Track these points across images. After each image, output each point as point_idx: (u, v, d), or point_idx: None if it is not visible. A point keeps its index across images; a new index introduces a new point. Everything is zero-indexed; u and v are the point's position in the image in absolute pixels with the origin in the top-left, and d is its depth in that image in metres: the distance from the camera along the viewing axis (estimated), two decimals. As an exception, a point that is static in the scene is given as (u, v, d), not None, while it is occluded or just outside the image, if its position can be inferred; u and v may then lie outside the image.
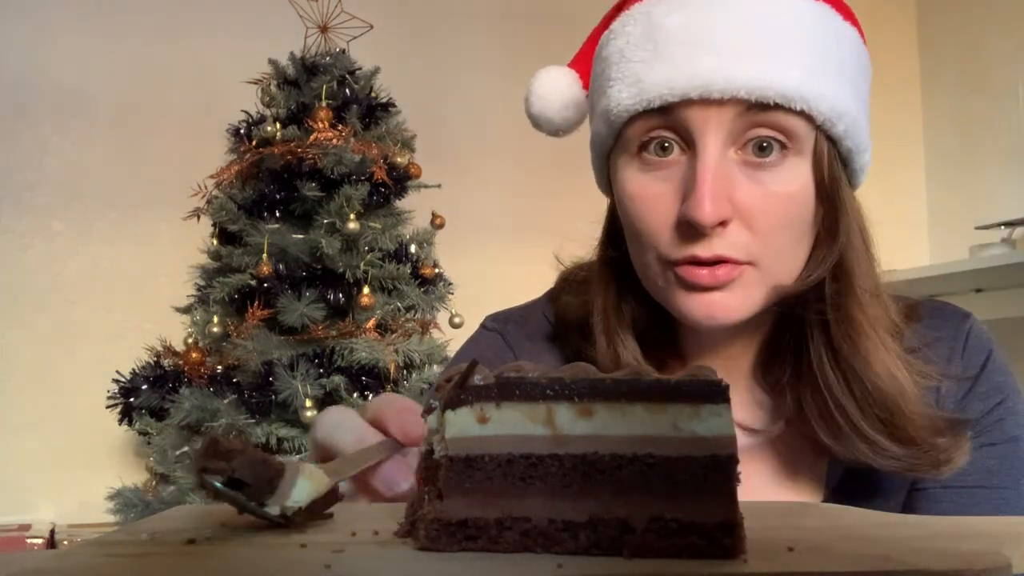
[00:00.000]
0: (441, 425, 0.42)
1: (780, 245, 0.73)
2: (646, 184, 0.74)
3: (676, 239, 0.72)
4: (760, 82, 0.69)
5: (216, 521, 0.48)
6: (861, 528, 0.47)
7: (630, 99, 0.72)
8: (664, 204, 0.72)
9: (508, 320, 0.92)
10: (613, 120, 0.74)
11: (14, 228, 2.71)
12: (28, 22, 2.74)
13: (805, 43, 0.72)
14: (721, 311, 0.73)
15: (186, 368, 2.25)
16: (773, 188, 0.71)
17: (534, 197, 3.09)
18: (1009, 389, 0.82)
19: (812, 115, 0.71)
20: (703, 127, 0.70)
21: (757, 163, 0.71)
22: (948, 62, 3.60)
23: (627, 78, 0.73)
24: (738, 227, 0.71)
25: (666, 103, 0.71)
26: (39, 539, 2.30)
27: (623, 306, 0.81)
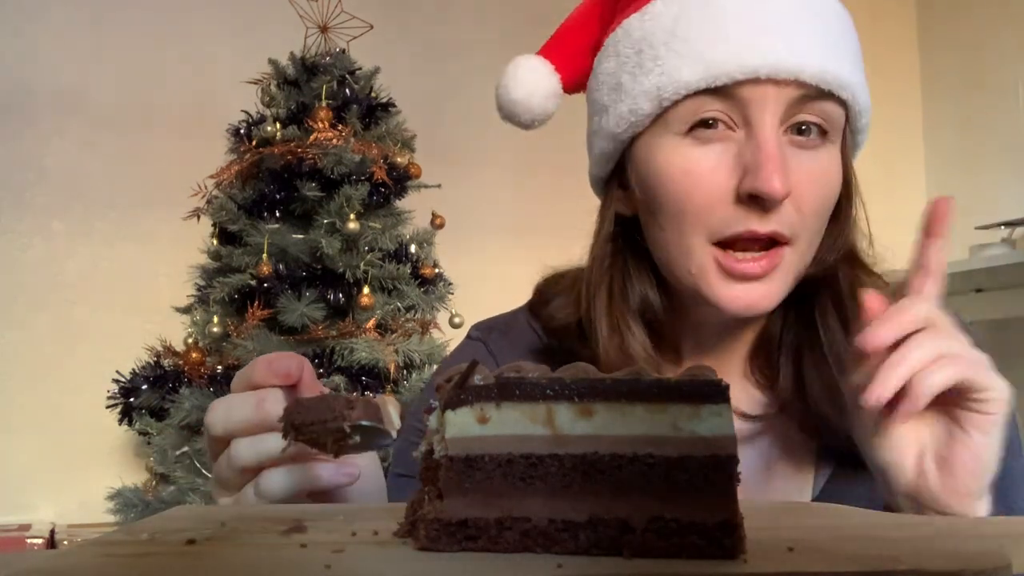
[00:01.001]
0: (441, 425, 0.42)
1: (816, 226, 0.76)
2: (699, 159, 0.74)
3: (733, 214, 0.72)
4: (822, 67, 0.72)
5: (216, 521, 0.48)
6: (861, 528, 0.47)
7: (692, 76, 0.72)
8: (719, 178, 0.73)
9: (492, 329, 0.93)
10: (664, 98, 0.74)
11: (14, 228, 2.71)
12: (28, 22, 2.74)
13: (846, 37, 0.76)
14: (761, 300, 0.74)
15: (186, 368, 2.25)
16: (816, 169, 0.74)
17: (534, 197, 3.09)
18: None
19: (851, 106, 0.75)
20: (763, 105, 0.72)
21: (801, 143, 0.74)
22: (948, 62, 3.60)
23: (685, 55, 0.73)
24: (788, 205, 0.73)
25: (733, 80, 0.71)
26: (39, 539, 2.30)
27: (630, 294, 0.81)
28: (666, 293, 0.82)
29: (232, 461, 0.58)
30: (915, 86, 3.73)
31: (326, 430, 0.51)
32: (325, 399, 0.52)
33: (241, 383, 0.60)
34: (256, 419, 0.57)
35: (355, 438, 0.52)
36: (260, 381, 0.58)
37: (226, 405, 0.59)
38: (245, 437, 0.58)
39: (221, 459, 0.60)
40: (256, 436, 0.57)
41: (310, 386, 0.60)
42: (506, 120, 0.86)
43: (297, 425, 0.52)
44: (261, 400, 0.57)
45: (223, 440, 0.59)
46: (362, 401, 0.52)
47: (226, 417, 0.58)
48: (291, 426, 0.52)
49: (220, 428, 0.58)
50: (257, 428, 0.57)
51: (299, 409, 0.52)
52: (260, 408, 0.57)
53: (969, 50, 3.48)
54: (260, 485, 0.58)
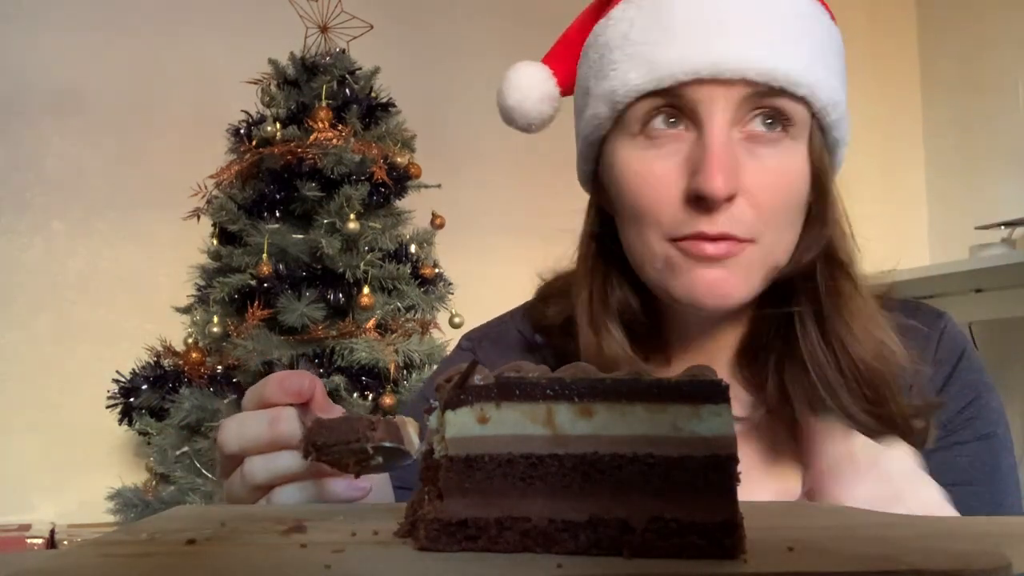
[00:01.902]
0: (441, 425, 0.42)
1: (780, 224, 0.75)
2: (650, 161, 0.75)
3: (683, 214, 0.73)
4: (769, 64, 0.71)
5: (216, 521, 0.48)
6: (861, 528, 0.47)
7: (639, 79, 0.73)
8: (670, 180, 0.73)
9: (483, 338, 0.94)
10: (618, 101, 0.75)
11: (14, 228, 2.71)
12: (28, 22, 2.74)
13: (806, 33, 0.75)
14: (725, 288, 0.74)
15: (186, 368, 2.25)
16: (774, 166, 0.74)
17: (534, 197, 3.09)
18: (982, 387, 0.83)
19: (811, 102, 0.74)
20: (711, 105, 0.72)
21: (759, 135, 0.74)
22: (948, 62, 3.60)
23: (635, 59, 0.74)
24: (743, 204, 0.73)
25: (678, 82, 0.72)
26: (39, 539, 2.30)
27: (609, 295, 0.82)
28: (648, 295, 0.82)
29: (246, 479, 0.59)
30: (915, 87, 3.73)
31: (348, 451, 0.52)
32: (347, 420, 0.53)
33: (253, 401, 0.60)
34: (269, 437, 0.58)
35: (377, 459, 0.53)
36: (272, 399, 0.59)
37: (239, 423, 0.59)
38: (258, 455, 0.59)
39: (234, 476, 0.60)
40: (270, 454, 0.58)
41: (321, 404, 0.61)
42: (507, 124, 0.88)
43: (319, 446, 0.52)
44: (274, 418, 0.58)
45: (236, 458, 0.60)
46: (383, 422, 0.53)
47: (239, 435, 0.59)
48: (312, 447, 0.52)
49: (234, 446, 0.59)
50: (270, 446, 0.58)
51: (321, 430, 0.52)
52: (274, 426, 0.58)
53: (969, 51, 3.48)
54: (273, 502, 0.59)
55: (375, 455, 0.52)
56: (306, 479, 0.59)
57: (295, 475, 0.58)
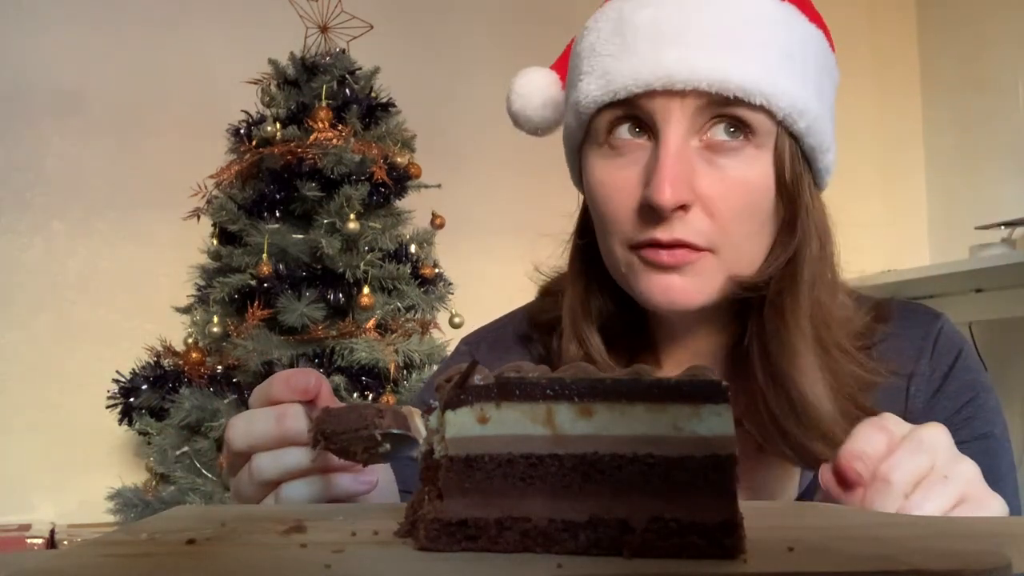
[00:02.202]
0: (441, 425, 0.42)
1: (739, 233, 0.75)
2: (612, 171, 0.76)
3: (639, 223, 0.74)
4: (721, 74, 0.71)
5: (216, 521, 0.48)
6: (861, 528, 0.47)
7: (598, 91, 0.75)
8: (628, 188, 0.75)
9: (480, 341, 0.95)
10: (581, 112, 0.77)
11: (14, 228, 2.71)
12: (28, 22, 2.74)
13: (767, 41, 0.74)
14: (680, 295, 0.75)
15: (186, 368, 2.25)
16: (732, 174, 0.74)
17: (534, 197, 3.09)
18: (979, 387, 0.83)
19: (772, 110, 0.73)
20: (666, 116, 0.73)
21: (719, 144, 0.74)
22: (948, 62, 3.59)
23: (596, 71, 0.75)
24: (699, 213, 0.73)
25: (631, 94, 0.73)
26: (39, 539, 2.30)
27: (591, 301, 0.83)
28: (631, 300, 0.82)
29: (254, 475, 0.59)
30: (915, 86, 3.73)
31: (357, 438, 0.53)
32: (355, 408, 0.54)
33: (259, 399, 0.61)
34: (277, 433, 0.59)
35: (385, 446, 0.53)
36: (279, 397, 0.60)
37: (247, 420, 0.60)
38: (267, 452, 0.59)
39: (242, 474, 0.61)
40: (278, 450, 0.59)
41: (327, 401, 0.61)
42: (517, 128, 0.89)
43: (328, 434, 0.53)
44: (282, 415, 0.58)
45: (244, 455, 0.60)
46: (391, 410, 0.53)
47: (247, 432, 0.60)
48: (321, 435, 0.53)
49: (242, 443, 0.60)
50: (278, 442, 0.59)
51: (329, 418, 0.53)
52: (281, 423, 0.58)
53: (969, 50, 3.48)
54: (281, 497, 0.59)
55: (383, 442, 0.53)
56: (313, 474, 0.59)
57: (303, 471, 0.59)
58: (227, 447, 0.61)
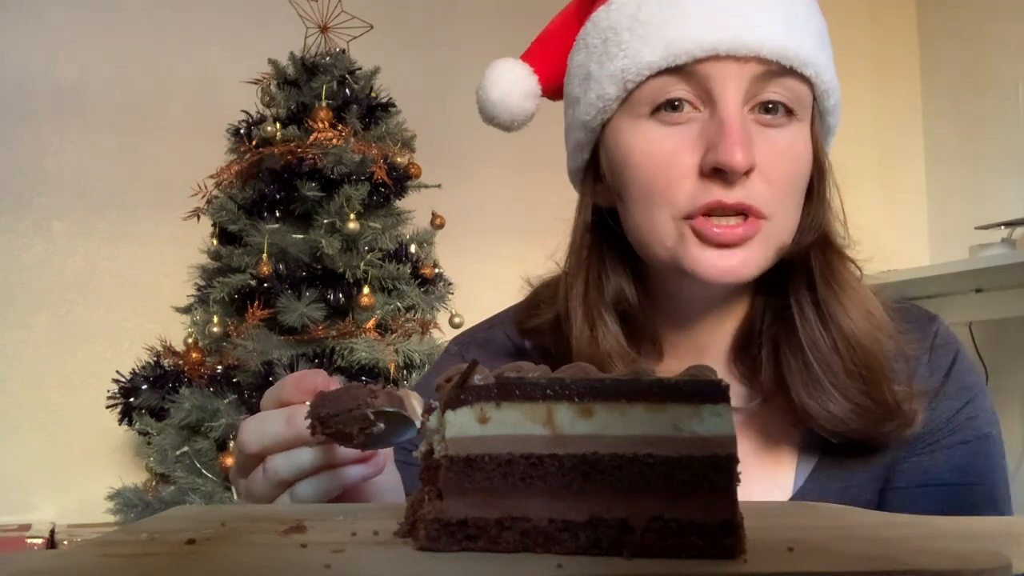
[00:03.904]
0: (441, 425, 0.42)
1: (789, 202, 0.76)
2: (662, 139, 0.75)
3: (698, 188, 0.74)
4: (782, 43, 0.73)
5: (216, 521, 0.48)
6: (861, 528, 0.47)
7: (654, 56, 0.74)
8: (683, 157, 0.74)
9: (470, 343, 0.94)
10: (629, 80, 0.76)
11: (14, 228, 2.70)
12: (28, 22, 2.74)
13: (811, 17, 0.77)
14: (740, 267, 0.74)
15: (186, 368, 2.25)
16: (783, 144, 0.75)
17: (534, 197, 3.09)
18: (977, 388, 0.84)
19: (815, 84, 0.76)
20: (724, 82, 0.73)
21: (767, 121, 0.75)
22: (948, 61, 3.59)
23: (647, 38, 0.75)
24: (756, 179, 0.74)
25: (694, 58, 0.73)
26: (39, 539, 2.30)
27: (605, 285, 0.82)
28: (643, 285, 0.83)
29: (269, 476, 0.60)
30: (915, 86, 3.73)
31: (351, 419, 0.53)
32: (348, 389, 0.54)
33: (271, 401, 0.62)
34: (289, 434, 0.59)
35: (379, 425, 0.53)
36: (290, 399, 0.61)
37: (259, 423, 0.61)
38: (280, 453, 0.60)
39: (255, 475, 0.62)
40: (291, 451, 0.60)
41: None
42: (488, 123, 0.88)
43: (323, 418, 0.53)
44: (292, 416, 0.59)
45: (257, 456, 0.61)
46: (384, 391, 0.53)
47: (260, 434, 0.61)
48: (317, 420, 0.53)
49: (255, 445, 0.61)
50: (291, 443, 0.60)
51: (324, 402, 0.53)
52: (292, 424, 0.59)
53: (969, 50, 3.48)
54: (296, 495, 0.60)
55: (377, 420, 0.53)
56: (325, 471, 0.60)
57: (315, 468, 0.60)
58: (239, 450, 0.62)
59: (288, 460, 0.60)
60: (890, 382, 0.77)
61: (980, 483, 0.81)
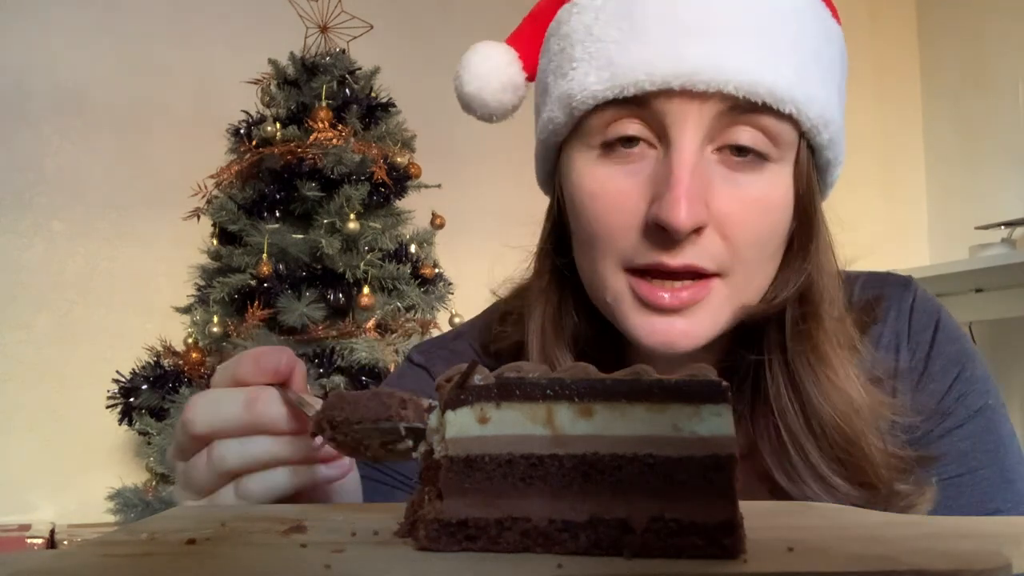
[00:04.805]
0: (441, 425, 0.42)
1: (753, 259, 0.66)
2: (608, 179, 0.66)
3: (641, 243, 0.65)
4: (751, 76, 0.62)
5: (216, 521, 0.48)
6: (861, 528, 0.47)
7: (599, 84, 0.64)
8: (629, 203, 0.65)
9: (434, 354, 0.84)
10: (575, 107, 0.66)
11: (14, 228, 2.71)
12: (28, 22, 2.74)
13: (798, 38, 0.65)
14: (681, 337, 0.66)
15: (186, 368, 2.25)
16: (752, 194, 0.65)
17: (534, 197, 3.09)
18: (964, 357, 0.76)
19: (799, 120, 0.65)
20: (682, 121, 0.63)
21: (735, 164, 0.65)
22: (948, 62, 3.59)
23: (596, 59, 0.65)
24: (712, 235, 0.64)
25: (642, 91, 0.63)
26: (39, 539, 2.30)
27: (563, 321, 0.74)
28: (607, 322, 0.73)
29: (214, 463, 0.53)
30: (915, 86, 3.73)
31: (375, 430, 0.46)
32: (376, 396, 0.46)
33: (225, 379, 0.55)
34: (246, 419, 0.52)
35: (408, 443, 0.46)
36: (247, 378, 0.53)
37: (211, 401, 0.53)
38: (231, 439, 0.52)
39: (197, 459, 0.54)
40: (244, 438, 0.52)
41: (300, 385, 0.55)
42: (466, 112, 0.78)
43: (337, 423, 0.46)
44: (253, 399, 0.52)
45: (203, 439, 0.53)
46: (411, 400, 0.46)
47: (212, 415, 0.53)
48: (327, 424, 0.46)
49: (204, 426, 0.53)
50: (247, 429, 0.52)
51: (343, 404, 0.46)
52: (251, 407, 0.52)
53: (969, 50, 3.48)
54: (244, 488, 0.53)
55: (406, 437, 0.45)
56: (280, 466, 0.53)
57: (271, 462, 0.53)
58: (182, 428, 0.53)
59: (241, 448, 0.52)
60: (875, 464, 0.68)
61: (986, 465, 0.74)
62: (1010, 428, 0.77)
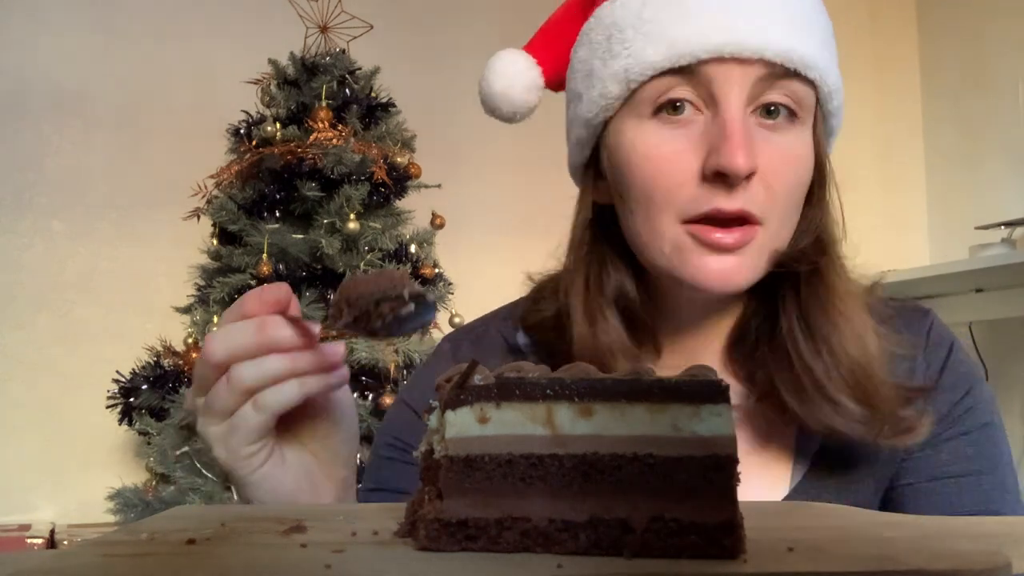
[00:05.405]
0: (441, 425, 0.42)
1: (787, 207, 0.75)
2: (664, 141, 0.74)
3: (699, 193, 0.73)
4: (788, 44, 0.72)
5: (216, 521, 0.48)
6: (861, 528, 0.47)
7: (657, 56, 0.73)
8: (684, 159, 0.73)
9: (463, 340, 0.93)
10: (632, 79, 0.75)
11: (14, 228, 2.71)
12: (28, 22, 2.74)
13: (815, 19, 0.77)
14: (735, 275, 0.74)
15: (186, 368, 2.25)
16: (786, 148, 0.74)
17: (534, 197, 3.09)
18: (973, 379, 0.84)
19: (819, 86, 0.75)
20: (728, 84, 0.72)
21: (769, 124, 0.74)
22: (948, 61, 3.59)
23: (651, 36, 0.74)
24: (757, 184, 0.73)
25: (697, 59, 0.72)
26: (39, 539, 2.30)
27: (605, 282, 0.81)
28: (643, 282, 0.82)
29: (234, 383, 0.61)
30: (915, 85, 3.73)
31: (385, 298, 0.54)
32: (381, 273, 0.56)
33: (233, 316, 0.63)
34: (259, 341, 0.60)
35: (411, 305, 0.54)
36: (254, 311, 0.62)
37: (226, 333, 0.62)
38: (247, 360, 0.61)
39: (218, 386, 0.62)
40: (259, 358, 0.61)
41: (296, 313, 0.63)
42: (490, 114, 0.87)
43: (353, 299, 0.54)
44: (263, 324, 0.60)
45: (221, 367, 0.62)
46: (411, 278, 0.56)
47: (229, 343, 0.61)
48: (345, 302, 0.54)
49: (222, 354, 0.61)
50: (260, 350, 0.61)
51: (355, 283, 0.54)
52: (263, 331, 0.60)
53: (969, 50, 3.48)
54: (261, 401, 0.61)
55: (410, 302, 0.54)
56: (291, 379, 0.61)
57: (284, 376, 0.61)
58: (202, 362, 0.62)
59: (257, 367, 0.61)
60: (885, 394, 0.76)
61: (988, 472, 0.81)
62: (1009, 449, 0.84)
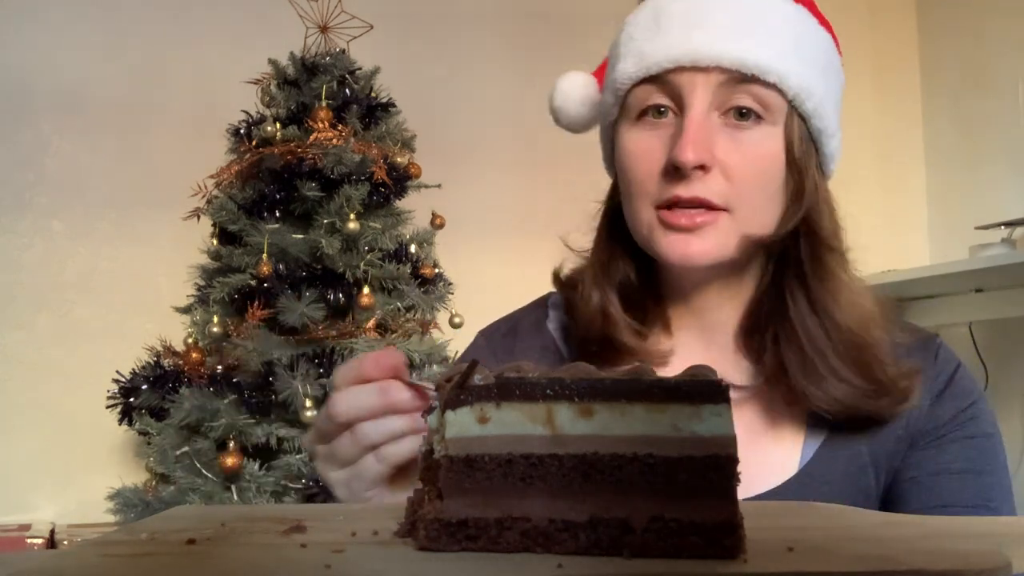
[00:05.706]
0: (441, 425, 0.42)
1: (754, 198, 0.85)
2: (641, 140, 0.87)
3: (663, 183, 0.84)
4: (740, 54, 0.83)
5: (216, 521, 0.48)
6: (861, 528, 0.47)
7: (633, 68, 0.86)
8: (655, 155, 0.85)
9: (495, 331, 1.03)
10: (618, 89, 0.88)
11: (14, 228, 2.70)
12: (28, 22, 2.74)
13: (780, 31, 0.85)
14: (695, 252, 0.84)
15: (186, 368, 2.25)
16: (748, 144, 0.84)
17: (534, 197, 3.09)
18: (977, 395, 0.91)
19: (783, 89, 0.84)
20: (691, 89, 0.84)
21: (736, 124, 0.84)
22: (948, 61, 3.59)
23: (632, 53, 0.87)
24: (717, 176, 0.83)
25: (662, 69, 0.84)
26: (39, 539, 2.30)
27: (611, 266, 0.93)
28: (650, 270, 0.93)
29: (359, 439, 0.69)
30: (915, 85, 3.73)
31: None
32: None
33: (350, 377, 0.70)
34: (383, 404, 0.68)
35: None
36: (372, 375, 0.69)
37: (351, 395, 0.69)
38: (370, 420, 0.68)
39: (341, 439, 0.70)
40: (380, 419, 0.68)
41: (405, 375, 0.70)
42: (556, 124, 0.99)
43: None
44: (386, 389, 0.68)
45: (345, 424, 0.69)
46: None
47: (352, 405, 0.68)
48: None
49: (346, 415, 0.69)
50: (382, 412, 0.68)
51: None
52: (386, 395, 0.68)
53: (969, 50, 3.47)
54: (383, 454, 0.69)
55: None
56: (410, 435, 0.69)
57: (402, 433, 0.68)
58: (327, 418, 0.69)
59: (378, 426, 0.68)
60: (881, 362, 0.85)
61: (989, 473, 0.87)
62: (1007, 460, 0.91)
